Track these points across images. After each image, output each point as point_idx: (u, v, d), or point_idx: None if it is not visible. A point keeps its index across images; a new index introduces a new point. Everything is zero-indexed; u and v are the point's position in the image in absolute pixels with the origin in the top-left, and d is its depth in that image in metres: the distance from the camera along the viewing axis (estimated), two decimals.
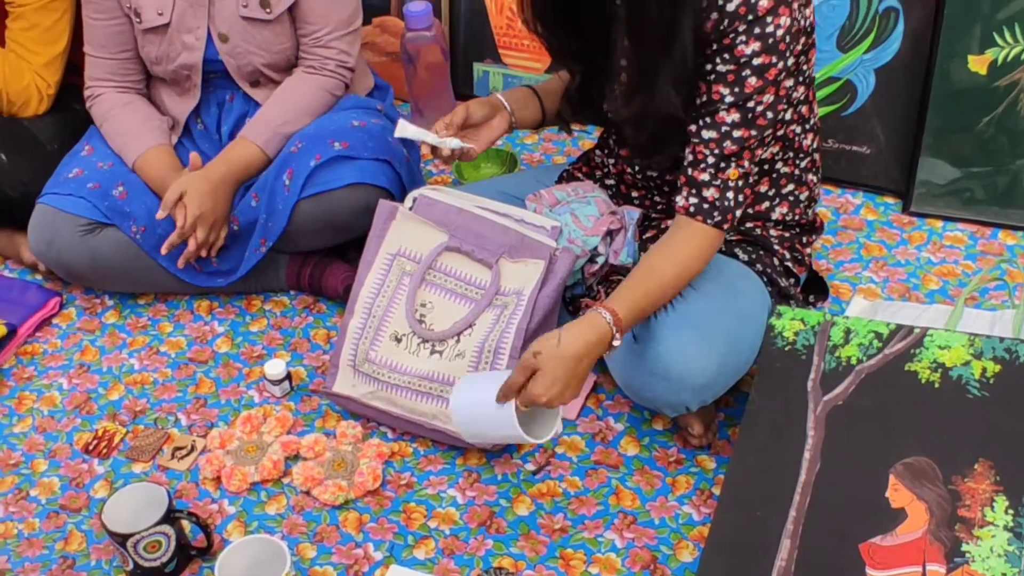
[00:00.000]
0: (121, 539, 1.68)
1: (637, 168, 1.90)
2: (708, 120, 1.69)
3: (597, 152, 2.04)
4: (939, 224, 2.37)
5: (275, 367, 2.05)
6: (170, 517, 1.70)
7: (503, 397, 1.65)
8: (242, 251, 2.22)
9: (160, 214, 2.10)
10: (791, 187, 1.87)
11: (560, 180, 2.09)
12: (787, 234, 1.91)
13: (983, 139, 2.30)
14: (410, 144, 2.33)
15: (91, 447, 2.00)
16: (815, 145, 1.87)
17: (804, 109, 1.78)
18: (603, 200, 1.91)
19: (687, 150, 1.72)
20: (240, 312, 2.29)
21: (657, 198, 1.93)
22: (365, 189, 2.11)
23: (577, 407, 1.98)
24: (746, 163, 1.71)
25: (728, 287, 1.78)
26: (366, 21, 2.57)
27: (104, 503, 1.72)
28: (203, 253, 2.16)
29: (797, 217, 1.91)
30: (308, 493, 1.87)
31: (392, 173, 2.15)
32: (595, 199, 1.91)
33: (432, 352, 1.88)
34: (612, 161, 1.97)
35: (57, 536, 1.85)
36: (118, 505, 1.71)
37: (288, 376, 2.07)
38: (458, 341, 1.87)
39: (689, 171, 1.73)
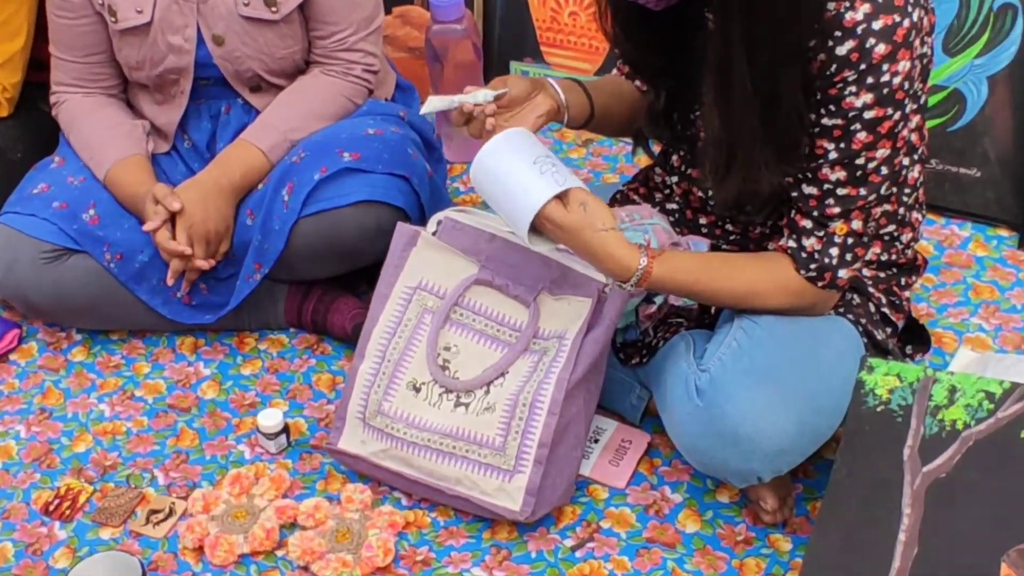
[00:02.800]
0: None
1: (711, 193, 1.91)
2: (809, 175, 1.70)
3: (657, 170, 2.05)
4: None
5: (270, 418, 2.06)
6: None
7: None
8: (234, 279, 2.24)
9: (148, 226, 2.12)
10: (892, 228, 1.88)
11: (612, 203, 2.11)
12: (883, 274, 1.92)
13: None
14: (435, 160, 2.35)
15: (52, 508, 2.02)
16: (922, 178, 1.88)
17: (914, 137, 1.78)
18: (664, 228, 1.92)
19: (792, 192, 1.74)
20: (230, 352, 2.31)
21: (729, 227, 1.94)
22: (377, 208, 2.13)
23: (627, 474, 1.99)
24: (857, 222, 1.72)
25: (811, 333, 1.79)
26: (386, 10, 2.60)
27: (66, 574, 1.73)
28: (206, 266, 2.17)
29: (894, 256, 1.92)
30: (306, 569, 1.88)
31: (410, 191, 2.17)
32: (654, 227, 1.91)
33: (457, 404, 1.89)
34: (675, 180, 1.98)
35: None
36: None
37: (285, 429, 2.08)
38: (487, 392, 1.88)
39: (792, 213, 1.75)
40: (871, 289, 1.90)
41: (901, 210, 1.86)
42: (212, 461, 2.09)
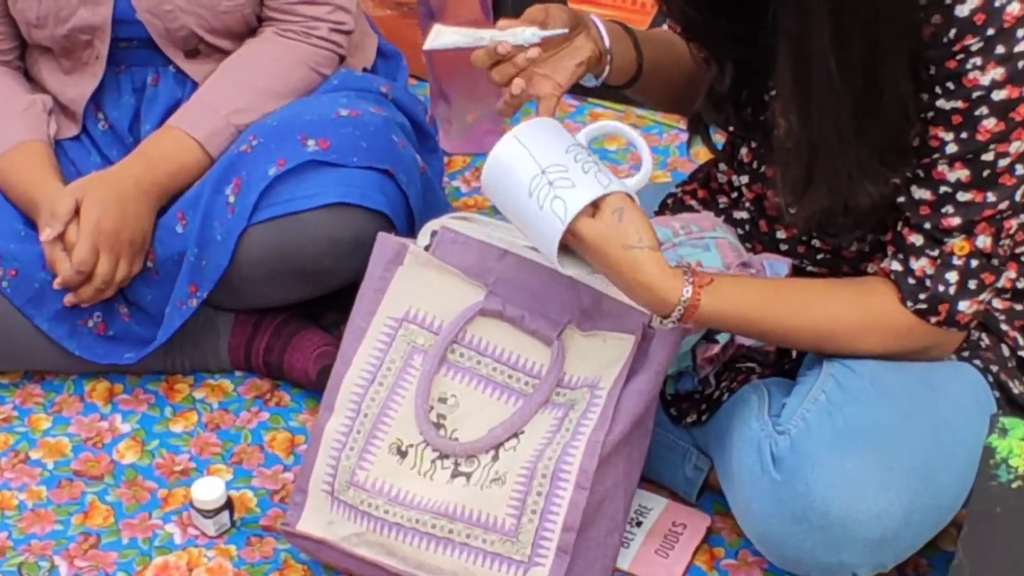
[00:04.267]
0: None
1: None
2: (921, 174, 1.69)
3: (721, 167, 2.05)
4: None
5: (209, 490, 2.06)
6: None
7: None
8: (161, 305, 2.24)
9: (45, 234, 2.12)
10: None
11: (663, 209, 2.11)
12: (1019, 307, 1.92)
13: None
14: (429, 150, 2.35)
15: None
16: None
17: None
18: (730, 244, 1.93)
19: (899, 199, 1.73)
20: (156, 402, 2.31)
21: (816, 243, 1.94)
22: (353, 214, 2.14)
23: (680, 567, 1.99)
24: (983, 238, 1.71)
25: (925, 384, 1.79)
26: None
27: None
28: (107, 293, 2.17)
29: None
30: None
31: (395, 191, 2.18)
32: (717, 242, 1.92)
33: (455, 474, 1.89)
34: (745, 180, 1.98)
35: None
36: None
37: (228, 504, 2.08)
38: (496, 458, 1.88)
39: (899, 226, 1.75)
40: (1004, 327, 1.90)
41: None
42: (131, 546, 2.09)
